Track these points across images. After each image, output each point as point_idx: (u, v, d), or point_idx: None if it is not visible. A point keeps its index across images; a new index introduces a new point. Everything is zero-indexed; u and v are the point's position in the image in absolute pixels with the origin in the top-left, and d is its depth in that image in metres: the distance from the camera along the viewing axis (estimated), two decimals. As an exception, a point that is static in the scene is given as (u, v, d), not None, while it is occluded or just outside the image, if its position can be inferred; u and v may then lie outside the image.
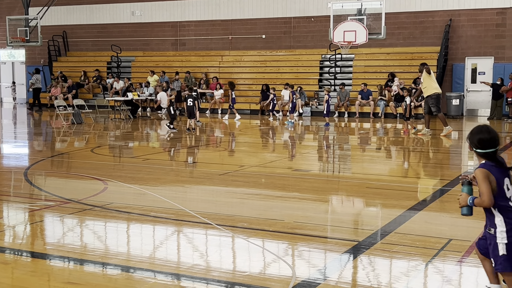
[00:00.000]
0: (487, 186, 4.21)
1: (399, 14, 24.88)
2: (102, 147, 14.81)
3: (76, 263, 5.55)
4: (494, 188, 4.24)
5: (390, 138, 17.60)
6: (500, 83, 22.62)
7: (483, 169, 4.26)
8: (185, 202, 8.21)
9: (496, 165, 4.28)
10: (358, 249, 5.87)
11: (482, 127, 4.36)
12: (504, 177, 4.28)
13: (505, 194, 4.26)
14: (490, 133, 4.30)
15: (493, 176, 4.24)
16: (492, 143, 4.28)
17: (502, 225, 4.26)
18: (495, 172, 4.26)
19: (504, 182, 4.26)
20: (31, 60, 32.81)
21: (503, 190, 4.25)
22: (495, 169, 4.27)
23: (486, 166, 4.28)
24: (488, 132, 4.30)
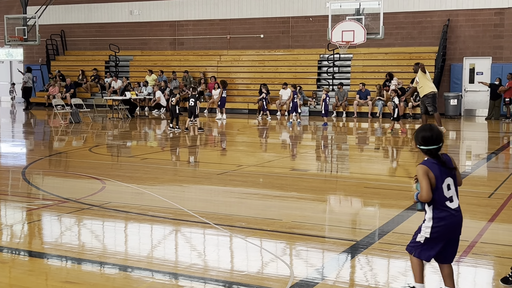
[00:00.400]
0: (426, 182, 4.34)
1: (397, 14, 24.90)
2: (100, 146, 14.80)
3: (74, 262, 5.55)
4: (433, 185, 4.37)
5: (388, 138, 17.61)
6: (498, 83, 22.65)
7: (423, 166, 4.39)
8: (183, 201, 8.21)
9: (438, 162, 4.39)
10: (356, 249, 5.88)
11: (425, 126, 4.50)
12: (446, 176, 4.40)
13: (442, 193, 4.38)
14: (433, 131, 4.42)
15: (432, 173, 4.36)
16: (434, 141, 4.39)
17: (430, 222, 4.41)
18: (436, 169, 4.37)
19: (444, 181, 4.39)
20: (29, 59, 32.77)
21: (441, 188, 4.38)
22: (436, 166, 4.38)
23: (427, 163, 4.41)
24: (430, 130, 4.43)
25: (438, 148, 4.42)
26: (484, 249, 5.88)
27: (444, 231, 4.41)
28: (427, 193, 4.35)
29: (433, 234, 4.41)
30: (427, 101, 16.18)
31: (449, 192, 4.41)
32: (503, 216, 7.28)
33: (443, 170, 4.40)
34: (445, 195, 4.40)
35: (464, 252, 5.72)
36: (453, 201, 4.43)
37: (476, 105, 24.36)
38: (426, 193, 4.35)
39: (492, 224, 6.86)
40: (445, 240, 4.46)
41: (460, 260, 5.53)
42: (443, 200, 4.40)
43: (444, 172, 4.40)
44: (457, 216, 4.45)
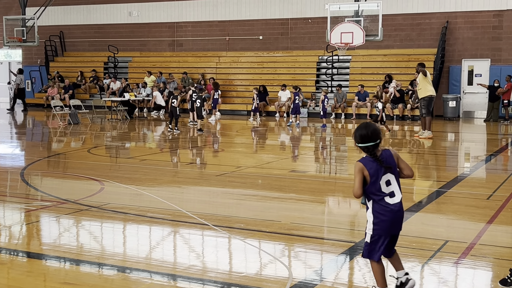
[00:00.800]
0: (358, 179, 4.47)
1: (396, 16, 24.92)
2: (99, 147, 14.79)
3: (73, 264, 5.54)
4: (368, 182, 4.48)
5: (387, 139, 17.61)
6: (497, 85, 22.67)
7: (359, 163, 4.52)
8: (182, 202, 8.21)
9: (374, 160, 4.49)
10: (354, 250, 5.88)
11: (363, 124, 4.61)
12: (384, 173, 4.49)
13: (380, 189, 4.49)
14: (368, 128, 4.51)
15: (367, 171, 4.47)
16: (370, 138, 4.48)
17: (371, 217, 4.52)
18: (372, 166, 4.48)
19: (382, 177, 4.48)
20: (28, 60, 32.76)
21: (379, 184, 4.48)
22: (373, 163, 4.48)
23: (363, 160, 4.53)
24: (366, 128, 4.52)
25: (375, 145, 4.50)
26: (483, 251, 5.88)
27: (384, 226, 4.49)
28: (357, 189, 4.48)
29: (375, 230, 4.50)
30: (423, 103, 16.25)
31: (388, 188, 4.51)
32: (502, 218, 7.29)
33: (381, 166, 4.48)
34: (384, 191, 4.49)
35: (462, 254, 5.72)
36: (394, 197, 4.51)
37: (474, 107, 24.38)
38: (356, 189, 4.48)
39: (490, 226, 6.86)
40: (387, 235, 4.53)
41: (458, 262, 5.53)
42: (381, 195, 4.49)
43: (381, 168, 4.48)
44: (397, 211, 4.53)
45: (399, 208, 4.54)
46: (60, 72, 30.25)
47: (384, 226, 4.50)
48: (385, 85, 23.97)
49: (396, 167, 4.59)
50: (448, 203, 8.46)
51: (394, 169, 4.57)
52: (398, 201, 4.54)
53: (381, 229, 4.50)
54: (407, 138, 17.94)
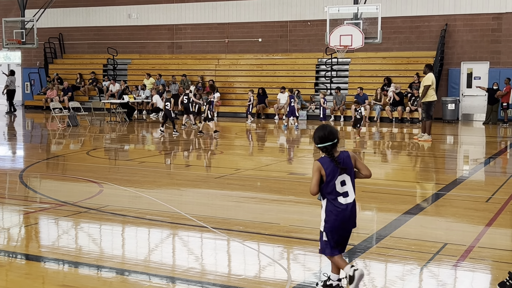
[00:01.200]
0: (315, 177, 4.71)
1: (395, 19, 24.94)
2: (98, 149, 14.78)
3: (71, 266, 5.54)
4: (324, 181, 4.70)
5: (386, 142, 17.62)
6: (496, 88, 22.69)
7: (317, 162, 4.74)
8: (181, 205, 8.20)
9: (332, 160, 4.69)
10: (353, 253, 5.87)
11: (320, 126, 4.81)
12: (340, 173, 4.68)
13: (334, 189, 4.69)
14: (325, 130, 4.73)
15: (324, 170, 4.68)
16: (327, 138, 4.69)
17: (323, 215, 4.75)
18: (329, 166, 4.69)
19: (337, 178, 4.68)
20: (27, 62, 32.77)
21: (333, 184, 4.69)
22: (331, 164, 4.69)
23: (321, 159, 4.74)
24: (323, 129, 4.74)
25: (333, 144, 4.70)
26: (482, 253, 5.88)
27: (334, 225, 4.71)
28: (313, 187, 4.73)
29: (326, 228, 4.73)
30: (423, 107, 16.42)
31: (343, 188, 4.71)
32: (501, 221, 7.29)
33: (337, 167, 4.67)
34: (338, 191, 4.70)
35: (461, 257, 5.72)
36: (347, 197, 4.71)
37: (473, 110, 24.39)
38: (312, 187, 4.73)
39: (489, 229, 6.86)
40: (338, 233, 4.74)
41: (457, 265, 5.53)
42: (335, 195, 4.70)
43: (338, 169, 4.67)
44: (347, 211, 4.71)
45: (351, 208, 4.72)
46: (59, 74, 30.26)
47: (335, 225, 4.71)
48: (384, 87, 23.99)
49: (352, 168, 4.76)
50: (447, 205, 8.47)
51: (350, 170, 4.74)
52: (351, 201, 4.72)
53: (332, 227, 4.71)
54: (406, 141, 17.95)
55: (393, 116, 23.22)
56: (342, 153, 4.75)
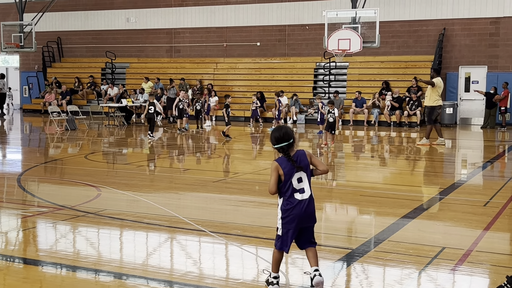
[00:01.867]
0: (273, 177, 4.87)
1: (393, 23, 24.99)
2: (96, 153, 14.77)
3: (69, 270, 5.53)
4: (282, 180, 4.86)
5: (384, 146, 17.64)
6: (494, 92, 22.72)
7: (274, 162, 4.91)
8: (179, 209, 8.20)
9: (288, 159, 4.86)
10: (351, 257, 5.87)
11: (276, 127, 5.03)
12: (296, 171, 4.86)
13: (291, 186, 4.87)
14: (281, 131, 4.92)
15: (282, 170, 4.85)
16: (282, 139, 4.87)
17: (280, 212, 4.93)
18: (286, 165, 4.86)
19: (294, 175, 4.86)
20: (25, 66, 32.76)
21: (290, 182, 4.86)
22: (287, 162, 4.86)
23: (279, 159, 4.91)
24: (279, 130, 4.94)
25: (288, 144, 4.87)
26: (480, 257, 5.88)
27: (291, 221, 4.87)
28: (272, 186, 4.89)
29: (283, 225, 4.89)
30: (426, 111, 16.42)
31: (299, 185, 4.89)
32: (499, 225, 7.29)
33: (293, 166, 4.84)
34: (295, 187, 4.88)
35: (459, 261, 5.72)
36: (303, 193, 4.90)
37: (471, 114, 24.43)
38: (271, 186, 4.90)
39: (487, 233, 6.86)
40: (295, 228, 4.89)
41: (455, 269, 5.53)
42: (292, 192, 4.88)
43: (293, 167, 4.85)
44: (305, 205, 4.89)
45: (307, 203, 4.90)
46: (58, 78, 30.25)
47: (292, 221, 4.87)
48: (382, 91, 24.02)
49: (308, 165, 4.94)
50: (445, 209, 8.47)
51: (306, 168, 4.92)
52: (307, 197, 4.90)
53: (289, 224, 4.88)
54: (404, 145, 17.97)
55: (391, 120, 23.25)
56: (297, 152, 4.93)
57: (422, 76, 24.22)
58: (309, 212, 4.94)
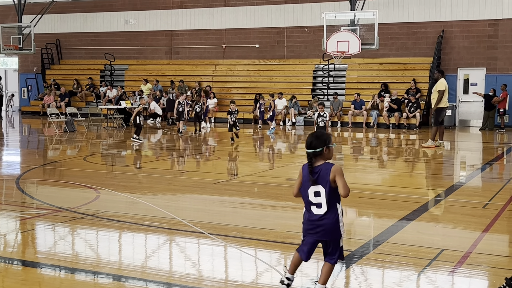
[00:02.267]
0: (297, 180, 4.84)
1: (392, 25, 25.02)
2: (95, 155, 14.76)
3: (68, 272, 5.52)
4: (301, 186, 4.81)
5: (383, 148, 17.65)
6: (493, 94, 22.74)
7: (301, 167, 4.84)
8: (178, 211, 8.19)
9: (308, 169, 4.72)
10: (350, 259, 5.87)
11: (314, 132, 4.92)
12: (312, 184, 4.69)
13: (307, 196, 4.74)
14: (312, 136, 4.77)
15: (302, 177, 4.78)
16: (309, 146, 4.73)
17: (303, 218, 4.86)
18: (305, 174, 4.75)
19: (310, 187, 4.70)
20: (24, 68, 32.76)
21: (307, 192, 4.74)
22: (307, 171, 4.73)
23: (304, 165, 4.80)
24: (312, 135, 4.80)
25: (313, 153, 4.69)
26: (479, 259, 5.88)
27: (306, 230, 4.81)
28: (294, 189, 4.88)
29: (303, 231, 4.85)
30: (433, 112, 16.22)
31: (316, 199, 4.70)
32: (497, 227, 7.29)
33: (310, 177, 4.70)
34: (310, 200, 4.73)
35: (458, 263, 5.72)
36: (320, 208, 4.69)
37: (470, 116, 24.45)
38: (294, 189, 4.89)
39: (486, 235, 6.86)
40: (309, 239, 4.79)
41: (454, 271, 5.53)
42: (309, 204, 4.75)
43: (309, 179, 4.70)
44: (319, 221, 4.70)
45: (322, 220, 4.69)
46: (57, 79, 30.25)
47: (305, 231, 4.82)
48: (381, 93, 24.04)
49: (327, 182, 4.66)
50: (444, 211, 8.48)
51: (325, 184, 4.65)
52: (322, 214, 4.69)
53: (304, 232, 4.83)
54: (403, 147, 17.98)
55: (390, 122, 23.26)
56: (324, 165, 4.69)
57: (420, 78, 24.30)
58: (324, 227, 4.69)
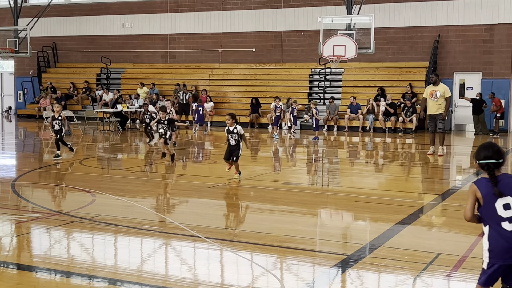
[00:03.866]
0: (469, 201, 4.28)
1: (388, 29, 25.07)
2: (91, 158, 14.74)
3: (63, 276, 5.50)
4: (482, 204, 4.23)
5: (379, 152, 17.66)
6: (480, 98, 22.86)
7: (473, 185, 4.29)
8: (174, 214, 8.18)
9: (489, 181, 4.20)
10: (346, 263, 5.87)
11: (486, 143, 4.39)
12: (500, 197, 4.17)
13: (495, 213, 4.17)
14: (493, 147, 4.29)
15: (480, 193, 4.21)
16: (491, 156, 4.24)
17: (486, 243, 4.24)
18: (486, 188, 4.20)
19: (497, 200, 4.16)
20: (20, 71, 32.69)
21: (493, 207, 4.17)
22: (487, 185, 4.20)
23: (478, 182, 4.28)
24: (490, 146, 4.31)
25: (497, 164, 4.23)
26: (475, 263, 5.88)
27: (499, 254, 4.16)
28: (466, 211, 4.30)
29: (490, 258, 4.19)
30: (440, 119, 14.85)
31: (507, 212, 4.15)
32: (493, 231, 7.29)
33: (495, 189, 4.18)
34: (500, 215, 4.16)
35: (454, 267, 5.72)
36: None
37: (466, 120, 24.49)
38: (466, 211, 4.31)
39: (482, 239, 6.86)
40: (504, 263, 4.15)
41: (450, 275, 5.53)
42: (498, 220, 4.16)
43: (494, 192, 4.18)
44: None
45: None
46: (53, 83, 30.21)
47: (499, 254, 4.15)
48: (377, 97, 24.07)
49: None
50: (440, 215, 8.48)
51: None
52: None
53: (496, 258, 4.16)
54: (399, 151, 18.00)
55: (386, 126, 23.29)
56: (504, 175, 4.25)
57: (416, 82, 24.34)
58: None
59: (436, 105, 14.81)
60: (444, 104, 14.81)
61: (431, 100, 14.84)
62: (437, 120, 14.92)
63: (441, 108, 14.81)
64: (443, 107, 14.80)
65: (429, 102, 14.93)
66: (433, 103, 14.81)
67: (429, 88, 15.06)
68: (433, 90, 14.87)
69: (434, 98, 14.80)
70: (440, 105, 14.80)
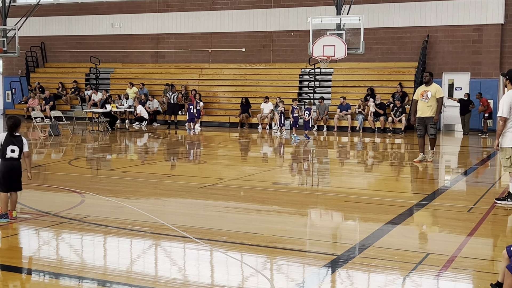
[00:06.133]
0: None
1: (377, 30, 25.15)
2: (80, 159, 14.67)
3: (52, 277, 5.47)
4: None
5: (368, 152, 17.71)
6: (467, 98, 23.01)
7: None
8: (164, 215, 8.16)
9: None
10: (336, 263, 5.87)
11: None
12: None
13: None
14: None
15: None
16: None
17: None
18: None
19: None
20: (8, 71, 32.50)
21: None
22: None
23: None
24: None
25: None
26: (464, 263, 5.91)
27: None
28: None
29: None
30: (431, 123, 13.82)
31: None
32: (482, 231, 7.34)
33: None
34: None
35: (444, 267, 5.75)
36: None
37: (455, 120, 24.62)
38: None
39: (471, 239, 6.90)
40: None
41: (440, 275, 5.55)
42: None
43: None
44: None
45: None
46: (41, 83, 30.04)
47: None
48: (367, 98, 24.15)
49: None
50: (429, 215, 8.52)
51: None
52: None
53: None
54: (388, 151, 18.06)
55: (376, 126, 23.36)
56: None
57: (406, 82, 24.44)
58: None
59: (427, 107, 13.73)
60: (435, 106, 13.71)
61: (421, 101, 13.79)
62: (427, 124, 13.82)
63: (432, 111, 13.74)
64: (434, 109, 13.72)
65: (419, 103, 13.85)
66: (423, 104, 13.73)
67: (420, 88, 14.08)
68: (424, 90, 13.85)
69: (425, 98, 13.70)
70: (430, 107, 13.73)
